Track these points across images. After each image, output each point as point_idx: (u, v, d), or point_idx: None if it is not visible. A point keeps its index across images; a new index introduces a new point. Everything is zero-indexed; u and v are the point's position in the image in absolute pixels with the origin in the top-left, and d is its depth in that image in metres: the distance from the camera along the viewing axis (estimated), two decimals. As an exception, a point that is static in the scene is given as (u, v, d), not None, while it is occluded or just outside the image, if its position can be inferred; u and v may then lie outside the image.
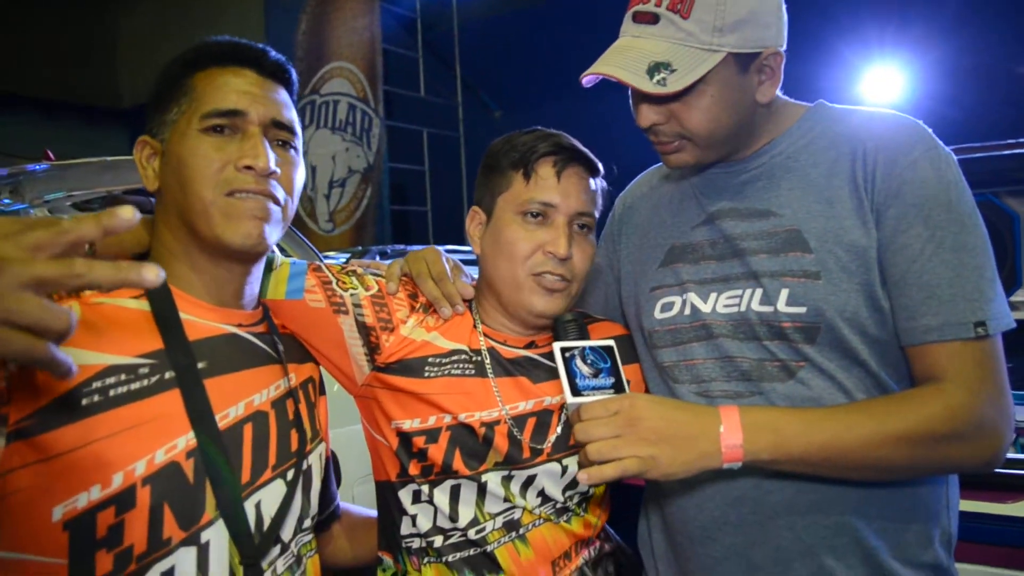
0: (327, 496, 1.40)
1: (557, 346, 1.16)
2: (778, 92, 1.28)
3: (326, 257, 3.55)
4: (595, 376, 1.13)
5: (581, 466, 1.11)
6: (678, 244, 1.35)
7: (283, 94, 1.18)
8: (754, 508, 1.21)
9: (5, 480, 0.93)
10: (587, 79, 1.23)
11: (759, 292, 1.22)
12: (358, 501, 2.32)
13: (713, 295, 1.27)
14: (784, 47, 1.22)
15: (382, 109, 9.00)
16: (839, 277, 1.17)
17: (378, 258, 3.51)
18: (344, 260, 1.65)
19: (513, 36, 8.75)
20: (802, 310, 1.18)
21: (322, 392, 1.37)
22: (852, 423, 1.10)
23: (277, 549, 1.11)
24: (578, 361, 1.14)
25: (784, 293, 1.19)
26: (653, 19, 1.16)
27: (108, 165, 2.27)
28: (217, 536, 1.03)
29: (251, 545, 1.06)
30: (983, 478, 1.78)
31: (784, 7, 1.23)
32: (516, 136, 1.34)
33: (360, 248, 4.51)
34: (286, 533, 1.14)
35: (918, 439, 1.10)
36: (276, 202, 1.11)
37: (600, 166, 1.35)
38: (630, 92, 1.25)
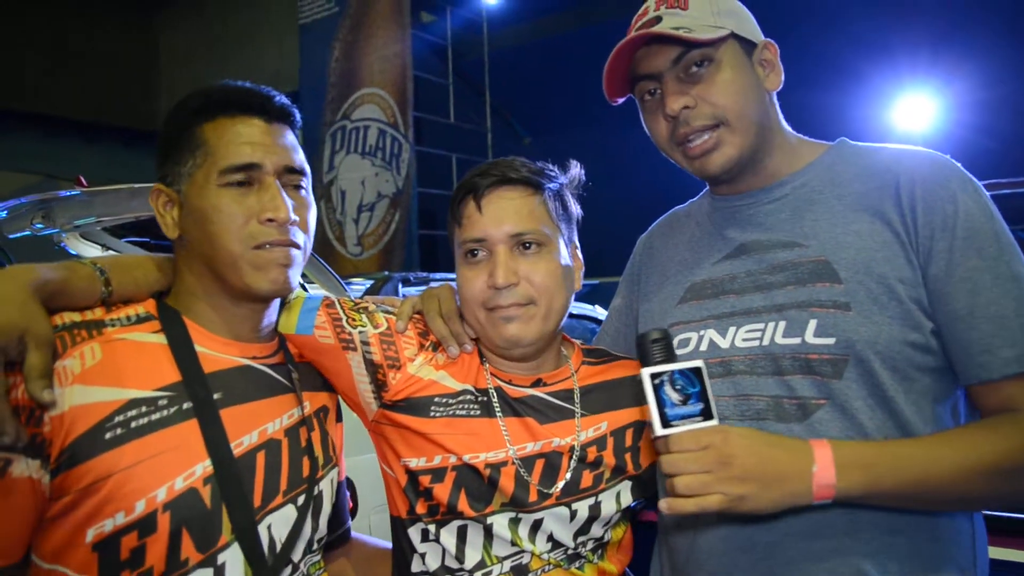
0: (337, 519, 1.43)
1: (646, 372, 1.06)
2: (792, 131, 1.30)
3: (350, 283, 3.58)
4: (684, 403, 1.06)
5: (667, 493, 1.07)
6: (698, 281, 1.32)
7: (290, 136, 1.21)
8: (765, 554, 1.16)
9: (51, 505, 1.03)
10: (626, 40, 1.22)
11: (783, 324, 1.19)
12: (375, 529, 2.31)
13: (732, 328, 1.24)
14: None
15: (412, 135, 9.11)
16: (870, 309, 1.14)
17: (400, 286, 3.52)
18: (363, 293, 1.66)
19: (543, 63, 8.85)
20: (831, 341, 1.15)
21: (339, 419, 1.40)
22: (938, 456, 1.08)
23: (288, 570, 1.16)
24: (668, 388, 1.06)
25: (812, 324, 1.16)
26: (656, 20, 1.22)
27: (136, 192, 2.31)
28: (233, 558, 1.09)
29: (265, 567, 1.11)
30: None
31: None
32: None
33: (386, 273, 4.54)
34: (296, 555, 1.18)
35: (1007, 471, 1.08)
36: (297, 247, 1.17)
37: (541, 181, 1.29)
38: (644, 103, 1.28)
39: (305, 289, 1.42)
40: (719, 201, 1.35)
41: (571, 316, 1.40)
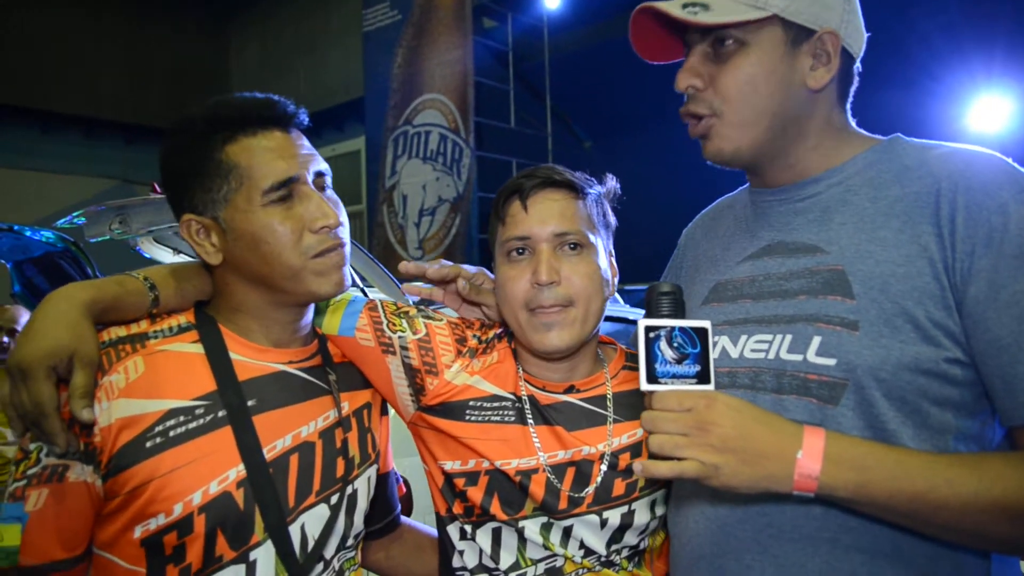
0: (384, 508, 1.48)
1: (642, 324, 1.02)
2: (851, 121, 1.21)
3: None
4: (679, 362, 1.01)
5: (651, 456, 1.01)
6: (722, 281, 1.25)
7: (306, 139, 1.23)
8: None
9: (106, 504, 1.11)
10: (639, 12, 1.16)
11: (789, 338, 1.10)
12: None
13: (743, 337, 1.15)
14: (852, 44, 1.14)
15: (472, 140, 9.18)
16: (880, 331, 1.03)
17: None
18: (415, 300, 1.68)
19: (603, 68, 8.80)
20: (831, 362, 1.05)
21: (384, 412, 1.44)
22: (954, 477, 0.95)
23: (320, 566, 1.21)
24: (663, 343, 1.01)
25: (816, 341, 1.07)
26: None
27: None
28: (265, 555, 1.14)
29: (296, 564, 1.16)
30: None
31: (857, 3, 1.16)
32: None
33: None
34: (329, 551, 1.23)
35: None
36: (345, 244, 1.22)
37: (583, 186, 1.31)
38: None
39: (364, 293, 1.46)
40: (755, 194, 1.26)
41: (607, 319, 1.39)
